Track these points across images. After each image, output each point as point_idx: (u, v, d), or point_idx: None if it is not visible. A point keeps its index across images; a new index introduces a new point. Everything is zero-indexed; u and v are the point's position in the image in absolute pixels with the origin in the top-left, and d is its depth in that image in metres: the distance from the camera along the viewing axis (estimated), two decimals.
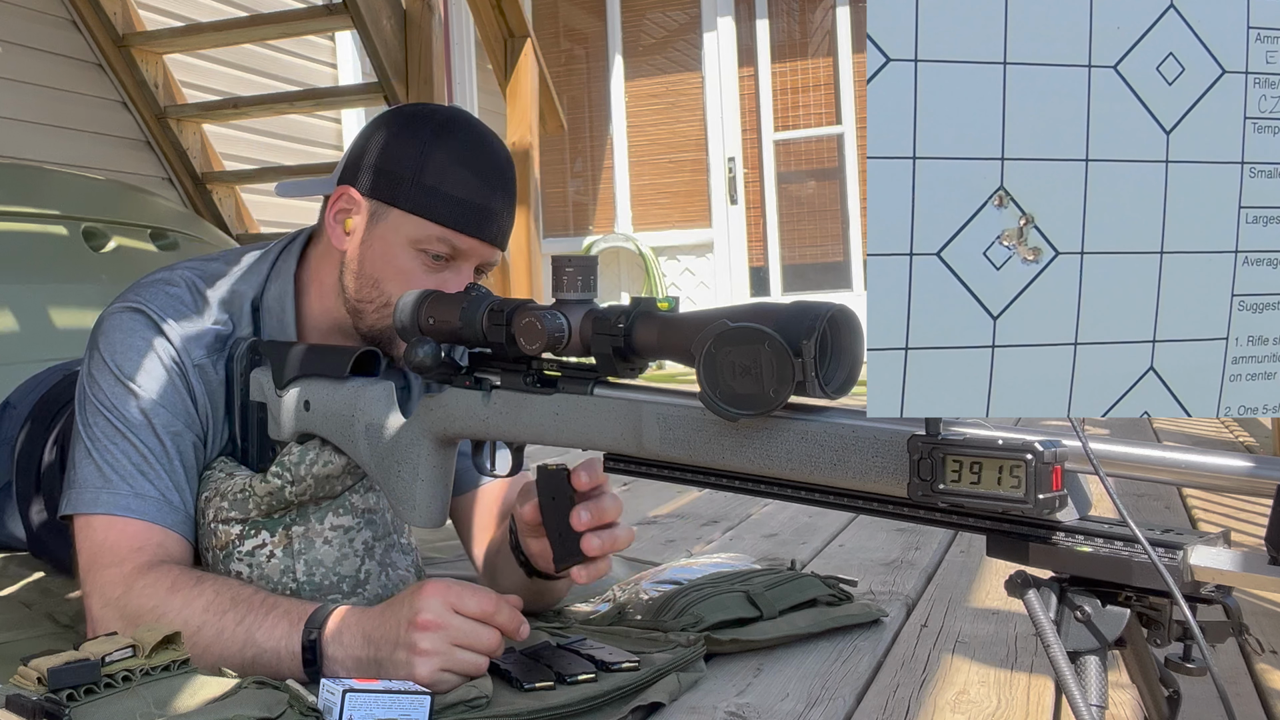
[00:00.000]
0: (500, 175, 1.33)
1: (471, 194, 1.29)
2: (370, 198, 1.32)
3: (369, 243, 1.32)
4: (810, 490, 0.92)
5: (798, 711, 1.19)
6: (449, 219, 1.29)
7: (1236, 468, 0.79)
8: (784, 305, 0.90)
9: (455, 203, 1.29)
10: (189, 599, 1.20)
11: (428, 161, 1.29)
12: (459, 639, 1.12)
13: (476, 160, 1.31)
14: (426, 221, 1.29)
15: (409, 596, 1.14)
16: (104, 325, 1.33)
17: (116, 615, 1.21)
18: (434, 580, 1.15)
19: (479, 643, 1.13)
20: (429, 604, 1.12)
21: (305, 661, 1.16)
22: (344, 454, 1.29)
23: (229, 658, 1.17)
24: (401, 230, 1.30)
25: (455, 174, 1.29)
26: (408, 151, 1.30)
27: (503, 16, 3.89)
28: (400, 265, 1.31)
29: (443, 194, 1.29)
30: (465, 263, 1.32)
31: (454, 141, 1.31)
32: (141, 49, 3.93)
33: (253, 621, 1.18)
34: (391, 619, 1.14)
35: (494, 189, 1.31)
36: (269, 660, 1.17)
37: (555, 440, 1.10)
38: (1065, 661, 0.75)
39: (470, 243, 1.31)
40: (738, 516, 2.32)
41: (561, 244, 7.73)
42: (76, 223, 2.85)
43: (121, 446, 1.28)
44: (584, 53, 8.02)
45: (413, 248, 1.30)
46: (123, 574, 1.22)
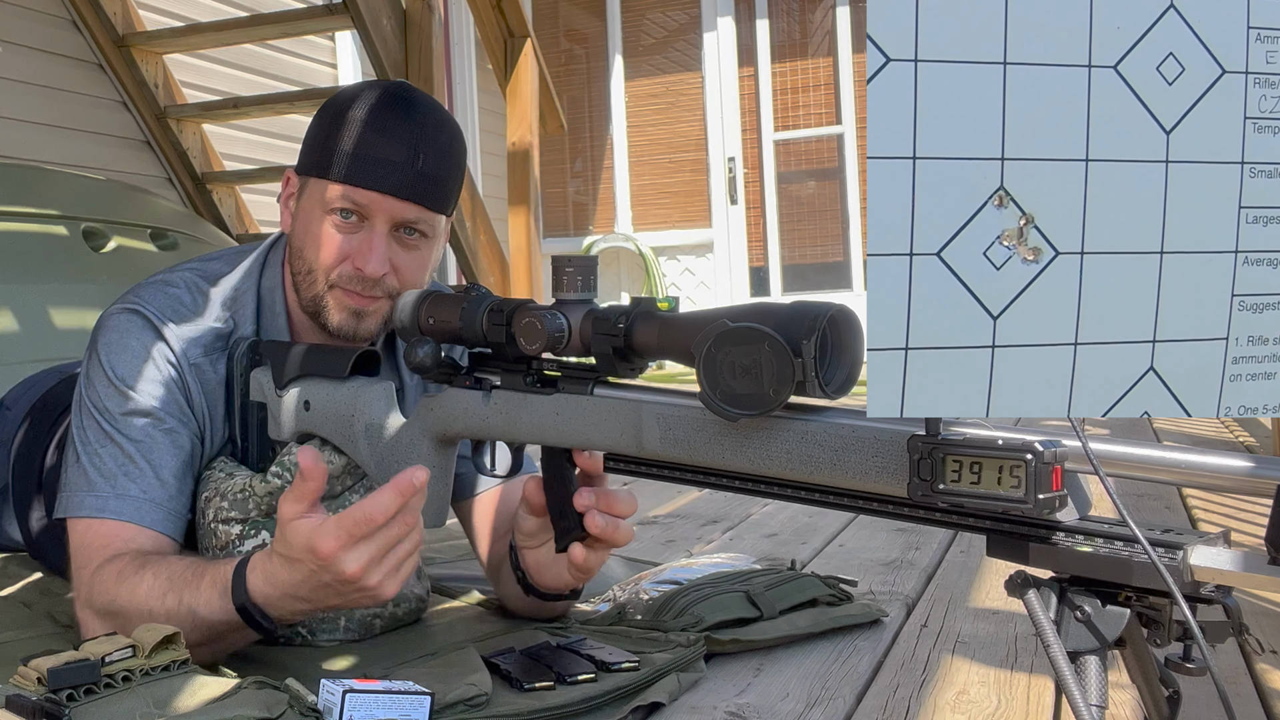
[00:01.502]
0: (419, 131, 1.30)
1: (371, 149, 1.28)
2: (300, 174, 1.35)
3: (298, 216, 1.35)
4: (810, 490, 0.92)
5: (798, 711, 1.19)
6: (347, 175, 1.29)
7: (1236, 468, 0.79)
8: (784, 305, 0.90)
9: (354, 158, 1.29)
10: (133, 587, 1.20)
11: (342, 128, 1.30)
12: (386, 551, 1.08)
13: (386, 118, 1.30)
14: (331, 182, 1.30)
15: (314, 561, 1.08)
16: (102, 327, 1.34)
17: (91, 614, 1.23)
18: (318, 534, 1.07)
19: (399, 537, 1.09)
20: (342, 558, 1.06)
21: (253, 625, 1.15)
22: (344, 454, 1.29)
23: (191, 634, 1.15)
24: (314, 196, 1.32)
25: (360, 134, 1.29)
26: (327, 123, 1.32)
27: (503, 16, 3.89)
28: (315, 231, 1.31)
29: (343, 152, 1.29)
30: (375, 220, 1.30)
31: (368, 106, 1.31)
32: (141, 49, 3.93)
33: (190, 597, 1.17)
34: (314, 580, 1.09)
35: (403, 143, 1.29)
36: (222, 631, 1.17)
37: (555, 440, 1.10)
38: (1065, 661, 0.75)
39: (369, 196, 1.29)
40: (738, 516, 2.32)
41: (561, 244, 7.73)
42: (76, 223, 2.85)
43: (109, 449, 1.28)
44: (584, 53, 8.02)
45: (323, 210, 1.31)
46: (89, 573, 1.24)
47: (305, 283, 1.34)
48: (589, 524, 1.16)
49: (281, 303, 1.39)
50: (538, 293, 3.99)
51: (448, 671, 1.21)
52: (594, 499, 1.16)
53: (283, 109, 4.07)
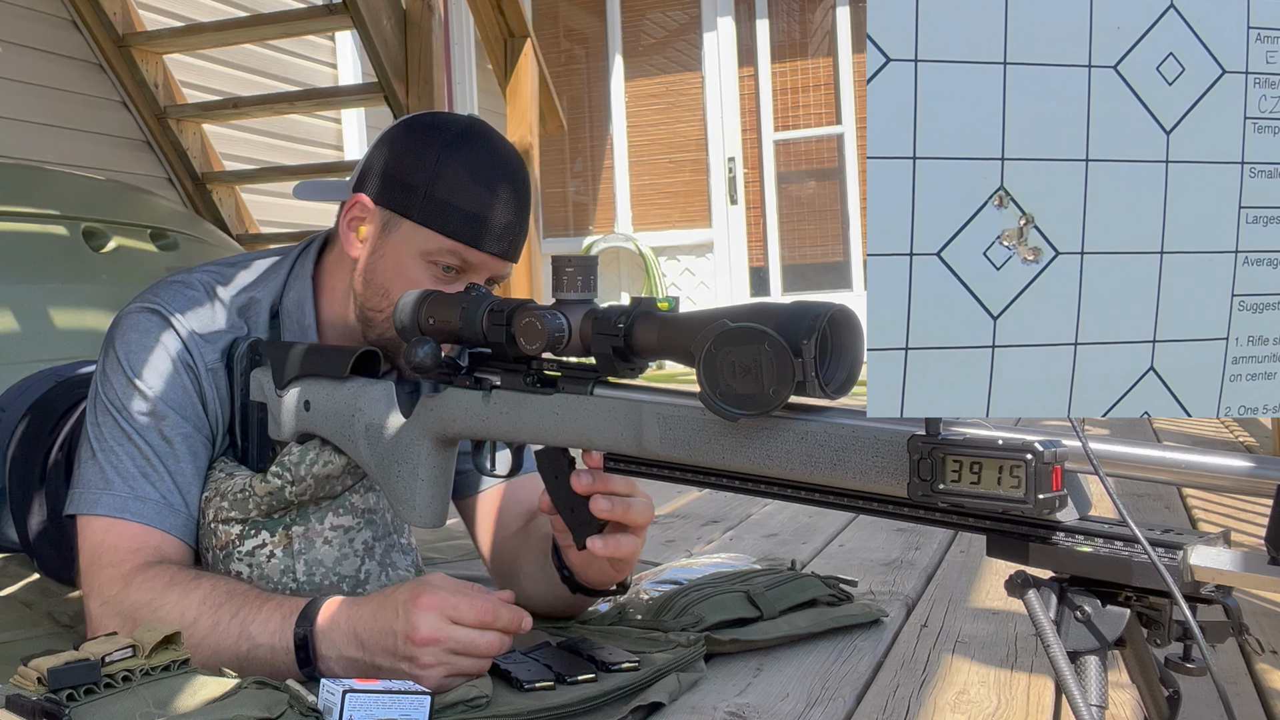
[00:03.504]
0: (513, 189, 1.31)
1: (482, 208, 1.28)
2: (383, 207, 1.32)
3: (380, 252, 1.32)
4: (810, 490, 0.92)
5: (798, 711, 1.19)
6: (459, 233, 1.28)
7: (1236, 468, 0.79)
8: (784, 305, 0.90)
9: (466, 216, 1.28)
10: (185, 592, 1.20)
11: (440, 173, 1.28)
12: (459, 649, 1.12)
13: (489, 173, 1.30)
14: (437, 234, 1.28)
15: (403, 606, 1.13)
16: (120, 324, 1.33)
17: (114, 613, 1.22)
18: (428, 589, 1.14)
19: (478, 650, 1.13)
20: (425, 619, 1.11)
21: (300, 660, 1.16)
22: (344, 454, 1.29)
23: (224, 650, 1.17)
24: (413, 242, 1.30)
25: (467, 187, 1.28)
26: (422, 162, 1.29)
27: (503, 16, 3.89)
28: (410, 276, 1.30)
29: (454, 207, 1.28)
30: (475, 276, 1.31)
31: (468, 153, 1.30)
32: (141, 49, 3.93)
33: (248, 614, 1.18)
34: (384, 625, 1.13)
35: (505, 203, 1.30)
36: (264, 655, 1.17)
37: (555, 440, 1.10)
38: (1065, 661, 0.75)
39: (480, 257, 1.30)
40: (738, 516, 2.32)
41: (561, 244, 7.73)
42: (76, 223, 2.85)
43: (126, 449, 1.28)
44: (584, 53, 8.01)
45: (423, 259, 1.30)
46: (120, 573, 1.23)
47: (385, 323, 1.32)
48: (595, 509, 1.16)
49: (312, 316, 1.37)
50: (538, 293, 3.98)
51: None
52: (593, 480, 1.16)
53: (283, 109, 4.07)
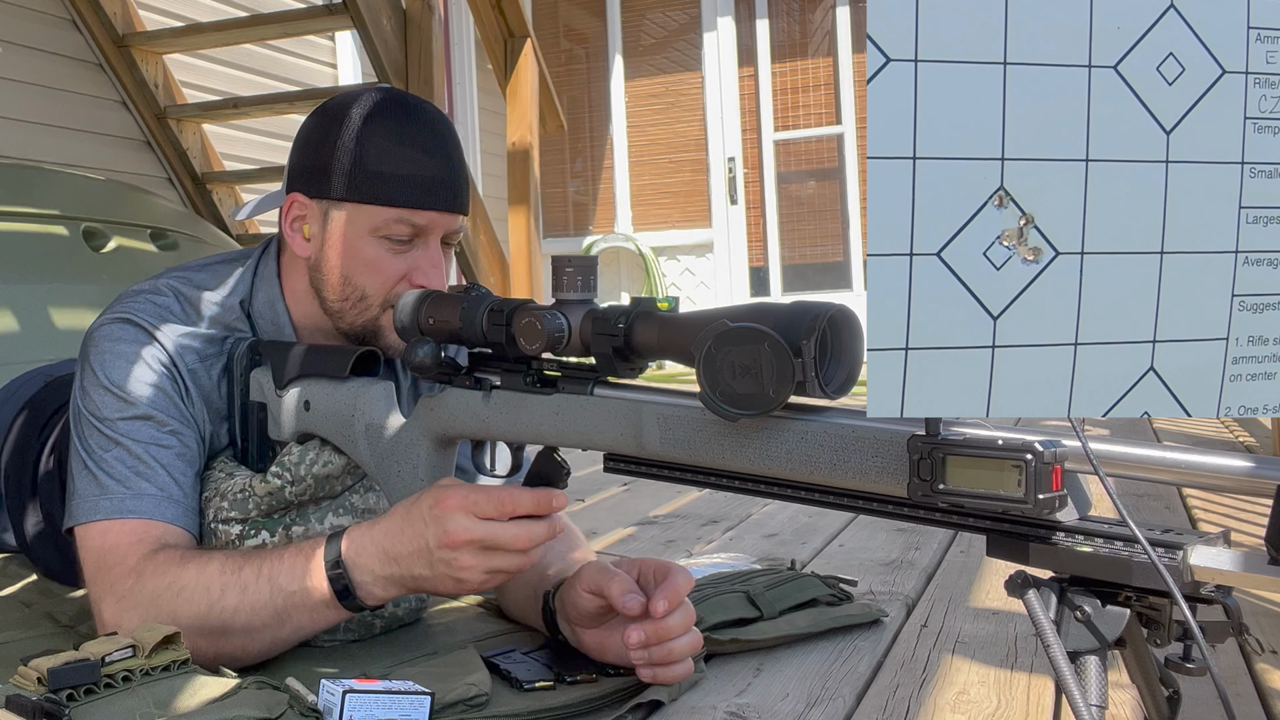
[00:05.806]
0: (439, 140, 1.31)
1: (417, 168, 1.28)
2: (320, 198, 1.32)
3: (330, 243, 1.32)
4: (810, 490, 0.92)
5: (798, 711, 1.19)
6: (401, 199, 1.28)
7: (1236, 468, 0.79)
8: (784, 305, 0.90)
9: (403, 180, 1.28)
10: (201, 566, 1.19)
11: (365, 147, 1.28)
12: (492, 543, 1.09)
13: (413, 133, 1.29)
14: (380, 207, 1.28)
15: (429, 512, 1.10)
16: (93, 337, 1.32)
17: (132, 606, 1.19)
18: (449, 490, 1.10)
19: (510, 542, 1.09)
20: (455, 520, 1.08)
21: (338, 594, 1.15)
22: (344, 454, 1.29)
23: (260, 611, 1.16)
24: (358, 223, 1.29)
25: (395, 151, 1.28)
26: (342, 143, 1.29)
27: (503, 16, 3.90)
28: (366, 256, 1.30)
29: (388, 175, 1.28)
30: (430, 237, 1.31)
31: (385, 119, 1.29)
32: (141, 49, 3.93)
33: (271, 569, 1.17)
34: (415, 535, 1.11)
35: (438, 157, 1.30)
36: (300, 601, 1.16)
37: (555, 440, 1.10)
38: (1065, 661, 0.75)
39: (429, 216, 1.29)
40: (738, 516, 2.32)
41: (561, 244, 7.73)
42: (76, 223, 2.85)
43: (116, 454, 1.27)
44: (584, 53, 8.02)
45: (374, 236, 1.29)
46: (129, 568, 1.21)
47: (356, 310, 1.33)
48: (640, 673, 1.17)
49: (284, 315, 1.37)
50: (538, 293, 3.99)
51: (448, 671, 1.21)
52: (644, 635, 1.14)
53: (283, 109, 4.07)
